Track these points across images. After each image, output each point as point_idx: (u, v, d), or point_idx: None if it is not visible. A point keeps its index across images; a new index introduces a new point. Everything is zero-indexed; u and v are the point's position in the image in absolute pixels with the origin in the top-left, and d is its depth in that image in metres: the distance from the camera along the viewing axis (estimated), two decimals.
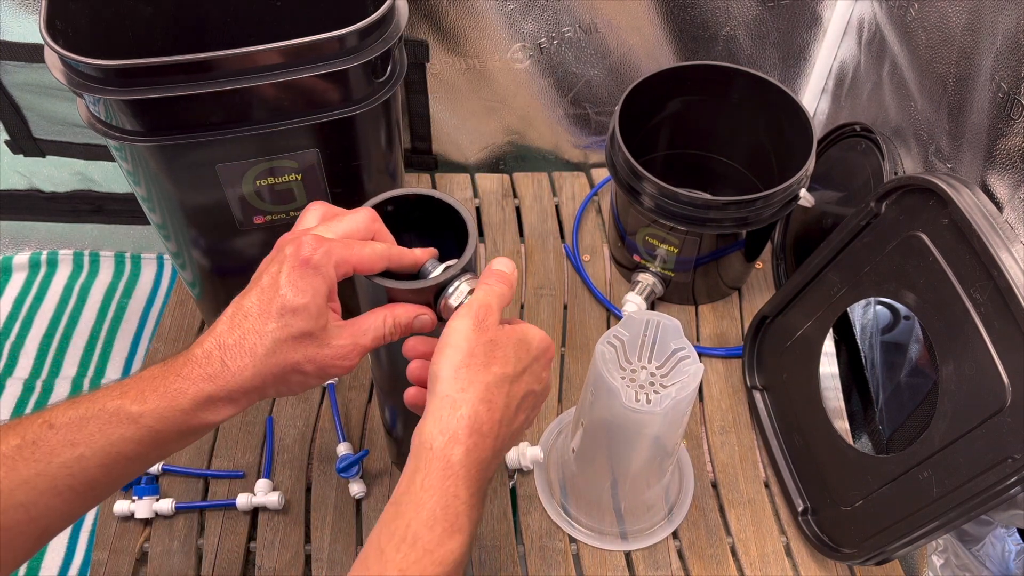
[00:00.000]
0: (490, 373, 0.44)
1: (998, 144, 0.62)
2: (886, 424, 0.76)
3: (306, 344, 0.44)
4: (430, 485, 0.41)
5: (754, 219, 0.78)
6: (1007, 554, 0.67)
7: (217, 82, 0.58)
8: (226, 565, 0.72)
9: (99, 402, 0.42)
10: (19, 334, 1.08)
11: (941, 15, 0.70)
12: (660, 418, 0.59)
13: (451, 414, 0.43)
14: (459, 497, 0.41)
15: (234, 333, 0.43)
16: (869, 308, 0.78)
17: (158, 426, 0.42)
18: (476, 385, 0.43)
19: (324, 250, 0.44)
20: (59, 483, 0.40)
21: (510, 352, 0.45)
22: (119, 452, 0.41)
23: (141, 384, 0.42)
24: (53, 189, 1.09)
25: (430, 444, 0.42)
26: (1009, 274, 0.54)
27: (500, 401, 0.44)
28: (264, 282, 0.44)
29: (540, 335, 0.48)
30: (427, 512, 0.41)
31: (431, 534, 0.40)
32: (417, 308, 0.49)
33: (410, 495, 0.41)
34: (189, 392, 0.42)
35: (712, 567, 0.73)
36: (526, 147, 1.08)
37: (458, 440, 0.42)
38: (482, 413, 0.43)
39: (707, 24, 0.94)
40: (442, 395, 0.43)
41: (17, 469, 0.40)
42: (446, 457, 0.42)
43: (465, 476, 0.42)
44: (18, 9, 0.86)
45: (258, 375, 0.43)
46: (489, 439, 0.43)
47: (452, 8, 0.90)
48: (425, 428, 0.43)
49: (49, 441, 0.40)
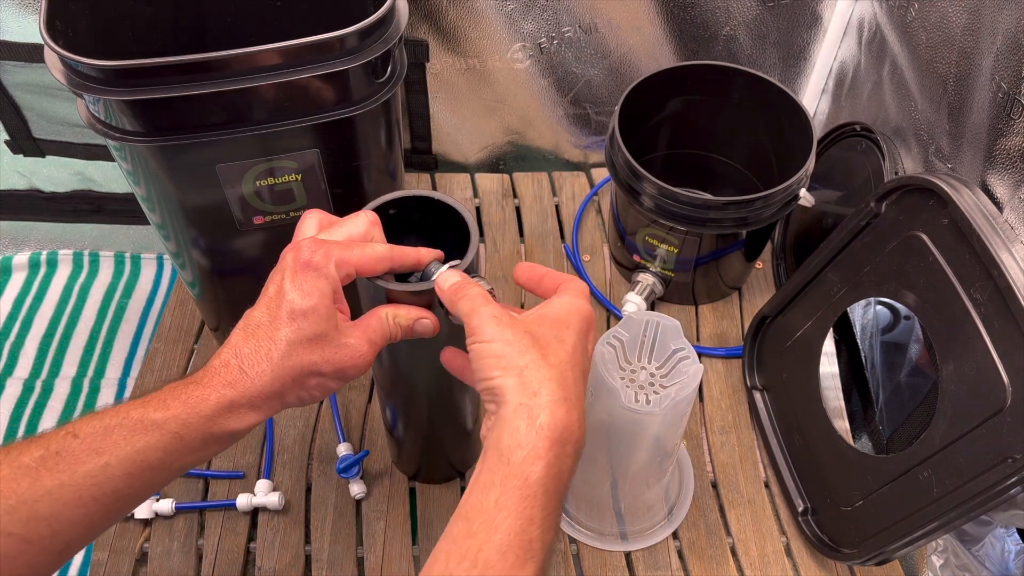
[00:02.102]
0: (552, 367, 0.42)
1: (998, 144, 0.62)
2: (886, 424, 0.76)
3: (321, 346, 0.44)
4: (505, 505, 0.39)
5: (754, 219, 0.78)
6: (1007, 554, 0.67)
7: (217, 82, 0.58)
8: (226, 565, 0.72)
9: (121, 412, 0.42)
10: (19, 334, 1.08)
11: (941, 15, 0.70)
12: (660, 418, 0.59)
13: (529, 425, 0.40)
14: (534, 521, 0.39)
15: (249, 343, 0.43)
16: (869, 308, 0.78)
17: (182, 432, 0.42)
18: (546, 385, 0.41)
19: (323, 251, 0.45)
20: (83, 493, 0.40)
21: (552, 339, 0.43)
22: (144, 460, 0.41)
23: (162, 395, 0.43)
24: (53, 189, 1.09)
25: (508, 458, 0.40)
26: (1009, 274, 0.54)
27: (572, 394, 0.42)
28: (271, 292, 0.45)
29: (574, 306, 0.46)
30: (501, 536, 0.38)
31: (503, 563, 0.38)
32: (418, 311, 0.49)
33: (483, 514, 0.39)
34: (211, 399, 0.42)
35: (712, 567, 0.73)
36: (526, 147, 1.07)
37: (538, 455, 0.40)
38: (561, 417, 0.41)
39: (707, 24, 0.94)
40: (515, 405, 0.41)
41: (40, 480, 0.39)
42: (524, 475, 0.39)
43: (543, 496, 0.40)
44: (18, 9, 0.86)
45: (277, 379, 0.43)
46: (570, 446, 0.41)
47: (452, 8, 0.90)
48: (502, 439, 0.40)
49: (73, 451, 0.40)
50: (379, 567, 0.72)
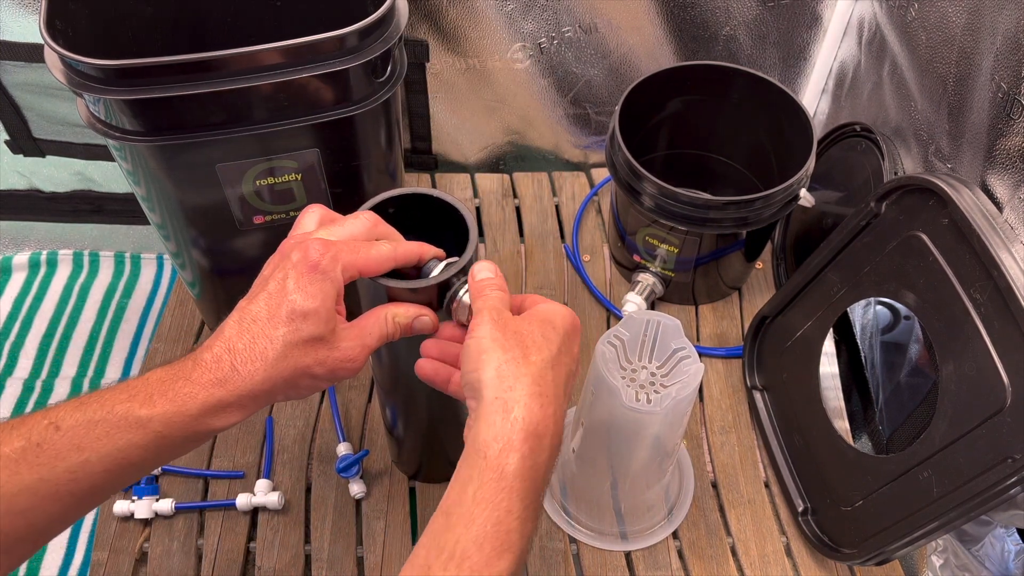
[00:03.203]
0: (530, 364, 0.43)
1: (998, 144, 0.62)
2: (886, 424, 0.76)
3: (316, 348, 0.44)
4: (482, 498, 0.40)
5: (754, 219, 0.78)
6: (1006, 554, 0.67)
7: (217, 82, 0.58)
8: (226, 565, 0.72)
9: (107, 405, 0.41)
10: (19, 334, 1.08)
11: (941, 15, 0.70)
12: (660, 418, 0.59)
13: (504, 418, 0.41)
14: (512, 512, 0.40)
15: (243, 338, 0.43)
16: (869, 308, 0.78)
17: (165, 431, 0.41)
18: (522, 380, 0.42)
19: (331, 255, 0.44)
20: (61, 489, 0.40)
21: (539, 337, 0.44)
22: (125, 458, 0.41)
23: (149, 387, 0.42)
24: (53, 189, 1.09)
25: (484, 452, 0.41)
26: (1009, 274, 0.54)
27: (549, 391, 0.43)
28: (271, 287, 0.44)
29: (560, 310, 0.47)
30: (477, 528, 0.39)
31: (480, 553, 0.39)
32: (418, 308, 0.49)
33: (461, 507, 0.40)
34: (199, 397, 0.41)
35: (712, 567, 0.73)
36: (526, 147, 1.07)
37: (513, 447, 0.41)
38: (536, 411, 0.42)
39: (707, 24, 0.94)
40: (491, 399, 0.42)
41: (20, 474, 0.39)
42: (500, 467, 0.40)
43: (520, 488, 0.40)
44: (18, 9, 0.86)
45: (268, 379, 0.43)
46: (546, 439, 0.42)
47: (452, 8, 0.90)
48: (479, 434, 0.41)
49: (55, 444, 0.40)
50: (379, 567, 0.72)
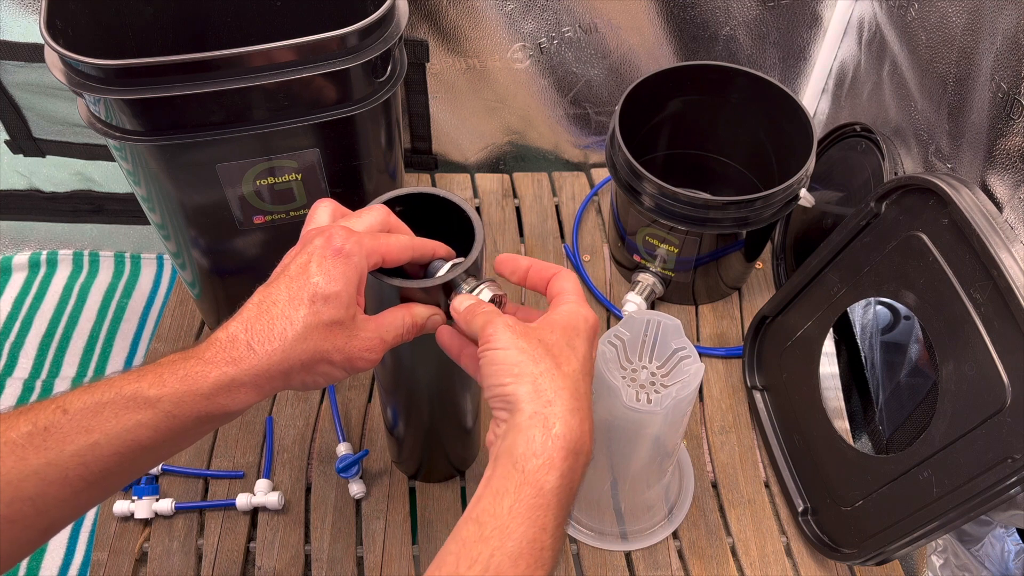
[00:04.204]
0: (565, 376, 0.42)
1: (998, 144, 0.62)
2: (886, 424, 0.76)
3: (336, 333, 0.43)
4: (519, 513, 0.39)
5: (754, 219, 0.78)
6: (1006, 554, 0.67)
7: (217, 81, 0.58)
8: (226, 565, 0.72)
9: (115, 386, 0.40)
10: (19, 334, 1.08)
11: (941, 15, 0.70)
12: (660, 418, 0.59)
13: (544, 434, 0.40)
14: (546, 530, 0.39)
15: (262, 319, 0.42)
16: (869, 308, 0.78)
17: (175, 411, 0.40)
18: (561, 395, 0.41)
19: (356, 240, 0.44)
20: (70, 473, 0.39)
21: (565, 347, 0.44)
22: (135, 439, 0.40)
23: (160, 369, 0.41)
24: (53, 189, 1.09)
25: (523, 467, 0.40)
26: (1009, 274, 0.54)
27: (584, 405, 0.42)
28: (292, 271, 0.44)
29: (582, 313, 0.46)
30: (513, 544, 0.39)
31: (515, 569, 0.38)
32: (430, 307, 0.49)
33: (496, 519, 0.39)
34: (211, 375, 0.41)
35: (712, 567, 0.73)
36: (526, 147, 1.08)
37: (553, 465, 0.40)
38: (575, 427, 0.41)
39: (707, 24, 0.94)
40: (530, 413, 0.41)
41: (27, 458, 0.38)
42: (539, 484, 0.40)
43: (556, 505, 0.40)
44: (18, 9, 0.86)
45: (286, 360, 0.42)
46: (582, 456, 0.42)
47: (452, 8, 0.90)
48: (516, 446, 0.40)
49: (62, 428, 0.39)
50: (379, 566, 0.72)
